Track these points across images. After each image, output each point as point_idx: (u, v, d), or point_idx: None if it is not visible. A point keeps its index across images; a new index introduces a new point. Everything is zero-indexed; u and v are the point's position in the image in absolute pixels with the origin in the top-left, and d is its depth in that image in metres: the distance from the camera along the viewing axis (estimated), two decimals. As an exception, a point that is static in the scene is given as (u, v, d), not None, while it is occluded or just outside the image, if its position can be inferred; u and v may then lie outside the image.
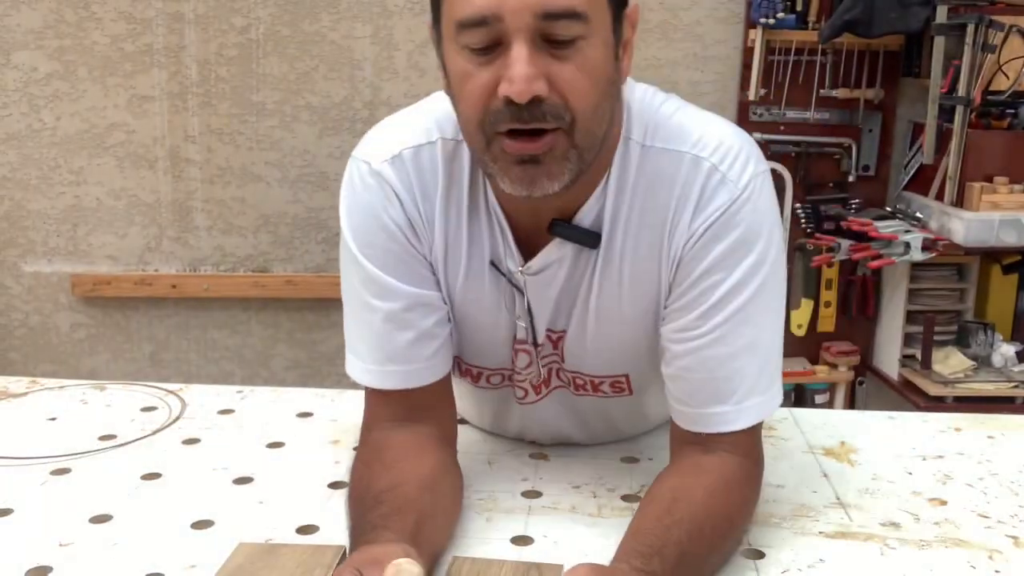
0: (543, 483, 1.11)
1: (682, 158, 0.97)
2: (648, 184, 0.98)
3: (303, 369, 2.91)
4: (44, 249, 2.83)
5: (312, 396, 1.39)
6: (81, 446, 1.19)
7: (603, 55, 0.88)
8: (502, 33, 0.84)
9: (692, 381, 0.98)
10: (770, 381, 0.99)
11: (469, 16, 0.85)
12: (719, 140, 0.97)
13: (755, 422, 0.98)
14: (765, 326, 0.98)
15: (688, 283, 0.97)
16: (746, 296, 0.96)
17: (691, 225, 0.96)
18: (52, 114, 2.73)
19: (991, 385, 2.57)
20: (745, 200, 0.95)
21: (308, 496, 1.07)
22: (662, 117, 0.99)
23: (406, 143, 1.01)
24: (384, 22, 2.68)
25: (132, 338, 2.89)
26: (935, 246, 2.51)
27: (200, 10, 2.67)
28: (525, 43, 0.84)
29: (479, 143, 0.90)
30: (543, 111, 0.86)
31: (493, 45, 0.85)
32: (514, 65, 0.84)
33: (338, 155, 2.75)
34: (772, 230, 0.98)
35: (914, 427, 1.30)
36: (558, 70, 0.85)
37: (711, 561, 0.91)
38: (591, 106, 0.88)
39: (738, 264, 0.95)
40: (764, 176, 0.98)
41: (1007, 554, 0.97)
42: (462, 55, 0.87)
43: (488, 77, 0.86)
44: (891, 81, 2.72)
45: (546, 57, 0.85)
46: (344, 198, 1.05)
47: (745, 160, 0.97)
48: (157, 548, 0.96)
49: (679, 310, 0.98)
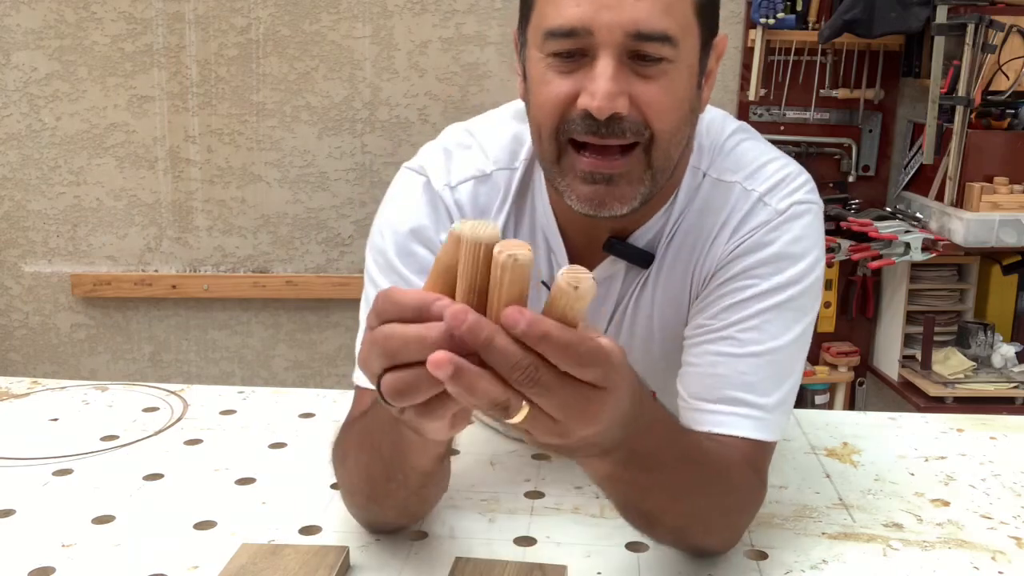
0: (546, 484, 1.11)
1: (732, 188, 0.97)
2: (699, 211, 0.98)
3: (303, 369, 2.91)
4: (44, 249, 2.82)
5: (314, 396, 1.38)
6: (83, 447, 1.19)
7: (687, 81, 0.87)
8: (589, 45, 0.84)
9: (693, 375, 0.96)
10: (777, 402, 0.93)
11: (559, 26, 0.84)
12: (772, 172, 0.97)
13: (753, 434, 0.93)
14: (781, 343, 0.94)
15: (712, 287, 0.96)
16: (767, 305, 0.93)
17: (726, 245, 0.96)
18: (52, 114, 2.73)
19: (991, 385, 2.57)
20: (782, 223, 0.95)
21: (310, 497, 1.07)
22: (726, 147, 0.99)
23: (466, 174, 1.00)
24: (384, 22, 2.68)
25: (132, 338, 2.88)
26: (935, 246, 2.51)
27: (200, 10, 2.67)
28: (612, 58, 0.83)
29: (550, 153, 0.89)
30: (623, 128, 0.85)
31: (578, 54, 0.85)
32: (598, 79, 0.83)
33: (338, 155, 2.76)
34: (811, 260, 0.95)
35: (916, 428, 1.30)
36: (641, 89, 0.85)
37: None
38: (671, 128, 0.87)
39: (767, 276, 0.94)
40: (810, 207, 0.97)
41: (1010, 555, 0.97)
42: (545, 61, 0.86)
43: (569, 86, 0.85)
44: (891, 81, 2.72)
45: (630, 75, 0.84)
46: (392, 204, 1.03)
47: (792, 190, 0.96)
48: (159, 549, 0.96)
49: (698, 312, 0.97)
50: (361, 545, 0.96)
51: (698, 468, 0.85)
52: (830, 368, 2.81)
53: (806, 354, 0.98)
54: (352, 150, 2.76)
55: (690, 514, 0.86)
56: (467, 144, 1.03)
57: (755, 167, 0.98)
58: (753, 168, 0.98)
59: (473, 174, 1.01)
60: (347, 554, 0.92)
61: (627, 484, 0.79)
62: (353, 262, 2.82)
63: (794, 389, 0.96)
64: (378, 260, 1.01)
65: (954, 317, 2.75)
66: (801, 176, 0.99)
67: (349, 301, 2.80)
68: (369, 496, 0.91)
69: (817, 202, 0.99)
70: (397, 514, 0.95)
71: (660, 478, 0.80)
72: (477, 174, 1.01)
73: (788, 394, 0.95)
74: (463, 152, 1.03)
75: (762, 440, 0.93)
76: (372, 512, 0.95)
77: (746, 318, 0.93)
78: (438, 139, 1.06)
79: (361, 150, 2.76)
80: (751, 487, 0.93)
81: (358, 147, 2.76)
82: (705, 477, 0.86)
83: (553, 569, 0.91)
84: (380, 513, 0.94)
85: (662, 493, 0.81)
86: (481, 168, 1.01)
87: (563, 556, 0.94)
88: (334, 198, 2.79)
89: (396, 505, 0.91)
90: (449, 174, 1.01)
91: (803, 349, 0.97)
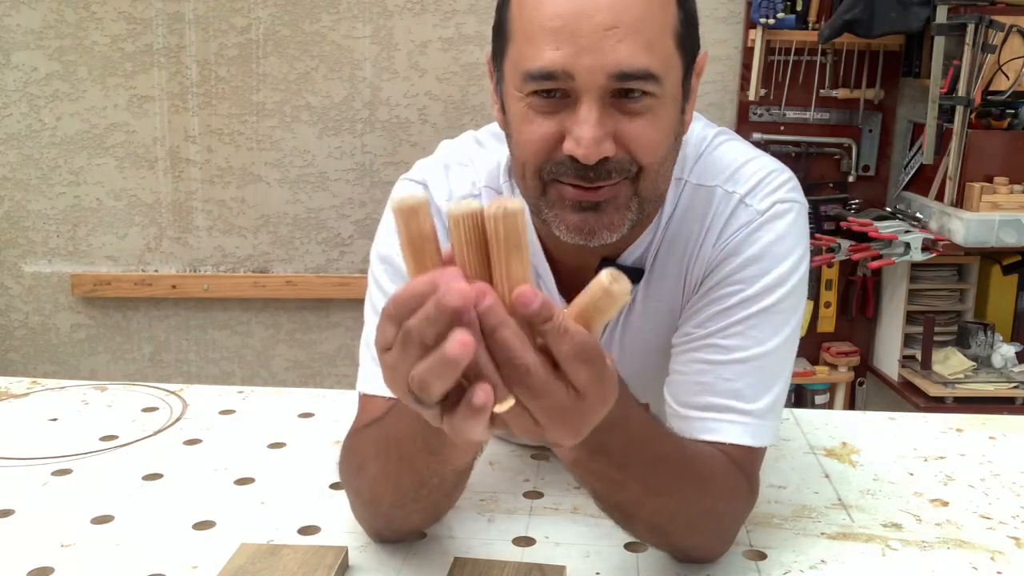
0: (545, 484, 1.11)
1: (714, 192, 0.96)
2: (681, 218, 0.97)
3: (303, 369, 2.91)
4: (44, 249, 2.82)
5: (313, 396, 1.38)
6: (82, 447, 1.19)
7: (672, 111, 0.87)
8: (571, 88, 0.82)
9: (679, 383, 0.95)
10: (766, 407, 0.92)
11: (539, 69, 0.82)
12: (752, 173, 0.96)
13: (741, 440, 0.92)
14: (767, 348, 0.93)
15: (699, 295, 0.96)
16: (753, 311, 0.92)
17: (712, 249, 0.95)
18: (52, 114, 2.73)
19: (991, 386, 2.57)
20: (764, 222, 0.94)
21: (310, 497, 1.07)
22: (706, 152, 0.98)
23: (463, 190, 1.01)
24: (384, 22, 2.68)
25: (132, 338, 2.89)
26: (935, 246, 2.51)
27: (200, 10, 2.67)
28: (595, 102, 0.82)
29: (534, 188, 0.88)
30: (609, 169, 0.84)
31: (560, 94, 0.83)
32: (582, 126, 0.82)
33: (338, 155, 2.76)
34: (795, 260, 0.94)
35: (915, 428, 1.30)
36: (627, 126, 0.83)
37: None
38: (658, 161, 0.86)
39: (751, 280, 0.93)
40: (792, 206, 0.96)
41: (1009, 555, 0.97)
42: (525, 100, 0.85)
43: (552, 128, 0.84)
44: (891, 81, 2.72)
45: (615, 113, 0.83)
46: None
47: (773, 189, 0.96)
48: (159, 549, 0.96)
49: (685, 320, 0.97)
50: (360, 545, 0.96)
51: (678, 469, 0.85)
52: (830, 368, 2.81)
53: (794, 355, 0.97)
54: (352, 150, 2.76)
55: (667, 512, 0.85)
56: (463, 162, 1.03)
57: (734, 168, 0.97)
58: (733, 170, 0.97)
59: (470, 191, 1.01)
60: (346, 554, 0.92)
61: (595, 475, 0.79)
62: (353, 262, 2.82)
63: (783, 392, 0.96)
64: (387, 269, 1.00)
65: (954, 317, 2.75)
66: (783, 174, 0.98)
67: (349, 301, 2.80)
68: (393, 503, 0.90)
69: (800, 200, 0.98)
70: (424, 517, 0.94)
71: (633, 473, 0.79)
72: (473, 191, 1.01)
73: (777, 398, 0.94)
74: (459, 169, 1.02)
75: (751, 446, 0.92)
76: (395, 518, 0.93)
77: (731, 325, 0.93)
78: (436, 155, 1.06)
79: (361, 150, 2.76)
80: (739, 492, 0.92)
81: (358, 147, 2.76)
82: (685, 478, 0.85)
83: (552, 569, 0.91)
84: (404, 518, 0.93)
85: (636, 488, 0.81)
86: (474, 184, 1.01)
87: (562, 556, 0.94)
88: (334, 198, 2.79)
89: (426, 508, 0.91)
90: (450, 188, 1.01)
91: (791, 351, 0.96)
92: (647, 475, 0.81)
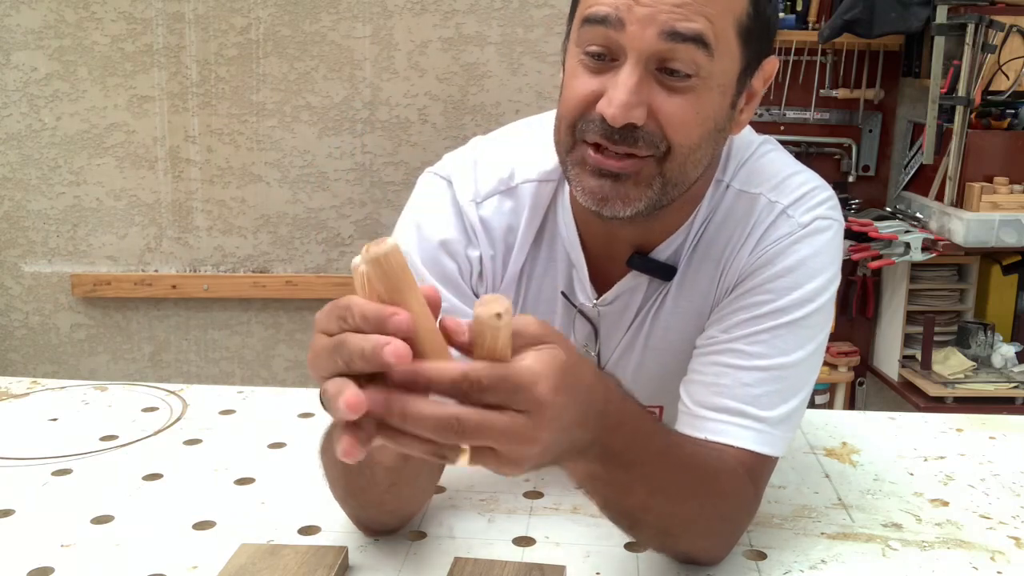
0: (545, 484, 1.11)
1: (757, 200, 0.97)
2: (721, 222, 0.97)
3: (303, 369, 2.91)
4: (44, 249, 2.82)
5: (313, 396, 1.38)
6: (82, 447, 1.19)
7: (717, 99, 0.86)
8: (619, 47, 0.83)
9: (697, 384, 0.95)
10: (781, 417, 0.92)
11: (595, 12, 0.83)
12: (798, 186, 0.97)
13: (752, 446, 0.91)
14: (790, 360, 0.92)
15: (728, 300, 0.96)
16: (781, 322, 0.92)
17: (749, 256, 0.96)
18: (52, 114, 2.73)
19: (991, 385, 2.57)
20: (804, 236, 0.94)
21: (310, 497, 1.07)
22: (751, 159, 0.99)
23: (491, 187, 1.00)
24: (384, 22, 2.68)
25: (132, 338, 2.89)
26: (935, 246, 2.52)
27: (200, 10, 2.67)
28: (637, 67, 0.83)
29: (565, 143, 0.90)
30: (636, 137, 0.85)
31: (609, 57, 0.84)
32: (618, 87, 0.83)
33: (338, 155, 2.76)
34: (827, 277, 0.95)
35: (915, 428, 1.30)
36: (664, 101, 0.84)
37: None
38: (690, 143, 0.86)
39: (783, 292, 0.93)
40: (832, 224, 0.97)
41: (1009, 555, 0.97)
42: (579, 56, 0.87)
43: (594, 86, 0.85)
44: (891, 81, 2.73)
45: (654, 85, 0.84)
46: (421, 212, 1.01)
47: (816, 204, 0.96)
48: (159, 549, 0.96)
49: (712, 324, 0.97)
50: (360, 545, 0.96)
51: (682, 468, 0.84)
52: (830, 368, 2.81)
53: (817, 373, 0.97)
54: (352, 150, 2.76)
55: (674, 515, 0.85)
56: (493, 158, 1.03)
57: (780, 179, 0.97)
58: (779, 180, 0.97)
59: (498, 187, 1.01)
60: (346, 554, 0.92)
61: (607, 482, 0.79)
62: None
63: (801, 408, 0.95)
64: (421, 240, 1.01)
65: (954, 317, 2.75)
66: (826, 191, 0.99)
67: (349, 301, 2.80)
68: (346, 490, 0.92)
69: (839, 220, 0.99)
70: (377, 511, 0.94)
71: (640, 474, 0.79)
72: (502, 188, 1.01)
73: (794, 411, 0.94)
74: (488, 166, 1.02)
75: (761, 453, 0.92)
76: (352, 507, 0.95)
77: (757, 332, 0.93)
78: (465, 149, 1.05)
79: (361, 150, 2.76)
80: (743, 497, 0.92)
81: (358, 147, 2.76)
82: (690, 479, 0.85)
83: (552, 569, 0.91)
84: (360, 508, 0.94)
85: (642, 490, 0.81)
86: (507, 181, 1.01)
87: (562, 556, 0.94)
88: (334, 198, 2.79)
89: (373, 502, 0.92)
90: (476, 187, 1.01)
91: (813, 370, 0.96)
92: (653, 474, 0.81)
